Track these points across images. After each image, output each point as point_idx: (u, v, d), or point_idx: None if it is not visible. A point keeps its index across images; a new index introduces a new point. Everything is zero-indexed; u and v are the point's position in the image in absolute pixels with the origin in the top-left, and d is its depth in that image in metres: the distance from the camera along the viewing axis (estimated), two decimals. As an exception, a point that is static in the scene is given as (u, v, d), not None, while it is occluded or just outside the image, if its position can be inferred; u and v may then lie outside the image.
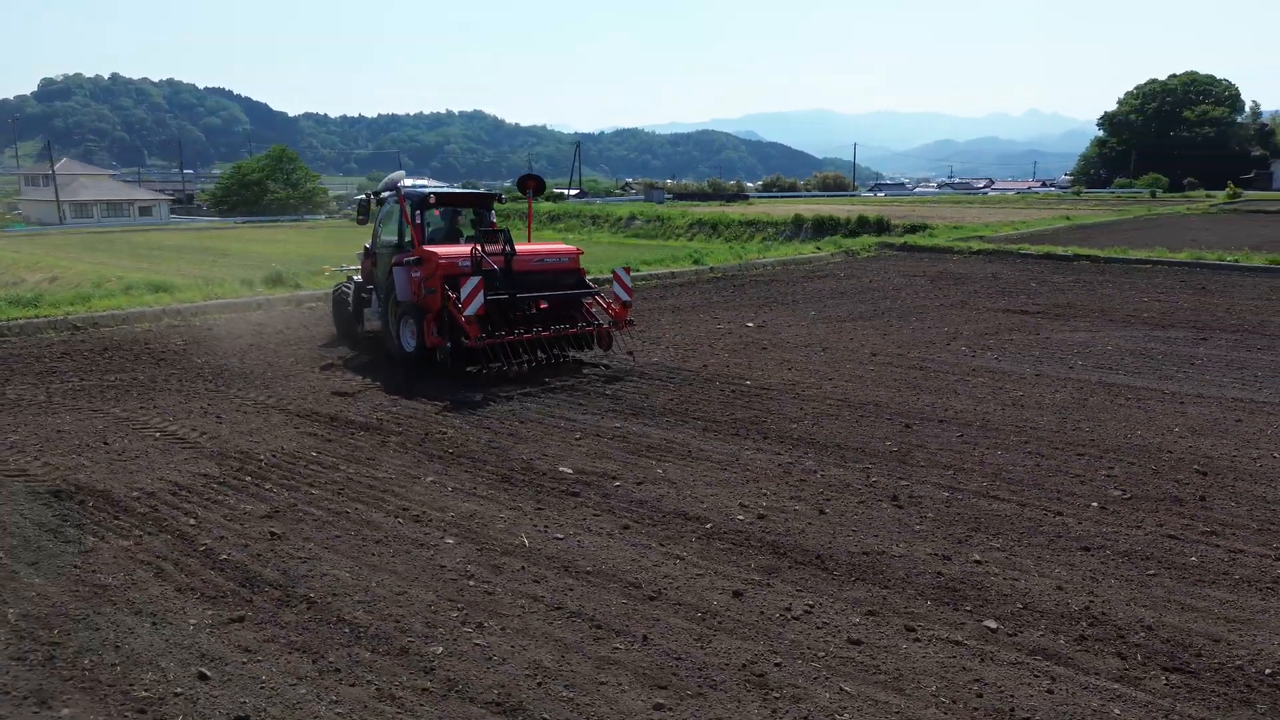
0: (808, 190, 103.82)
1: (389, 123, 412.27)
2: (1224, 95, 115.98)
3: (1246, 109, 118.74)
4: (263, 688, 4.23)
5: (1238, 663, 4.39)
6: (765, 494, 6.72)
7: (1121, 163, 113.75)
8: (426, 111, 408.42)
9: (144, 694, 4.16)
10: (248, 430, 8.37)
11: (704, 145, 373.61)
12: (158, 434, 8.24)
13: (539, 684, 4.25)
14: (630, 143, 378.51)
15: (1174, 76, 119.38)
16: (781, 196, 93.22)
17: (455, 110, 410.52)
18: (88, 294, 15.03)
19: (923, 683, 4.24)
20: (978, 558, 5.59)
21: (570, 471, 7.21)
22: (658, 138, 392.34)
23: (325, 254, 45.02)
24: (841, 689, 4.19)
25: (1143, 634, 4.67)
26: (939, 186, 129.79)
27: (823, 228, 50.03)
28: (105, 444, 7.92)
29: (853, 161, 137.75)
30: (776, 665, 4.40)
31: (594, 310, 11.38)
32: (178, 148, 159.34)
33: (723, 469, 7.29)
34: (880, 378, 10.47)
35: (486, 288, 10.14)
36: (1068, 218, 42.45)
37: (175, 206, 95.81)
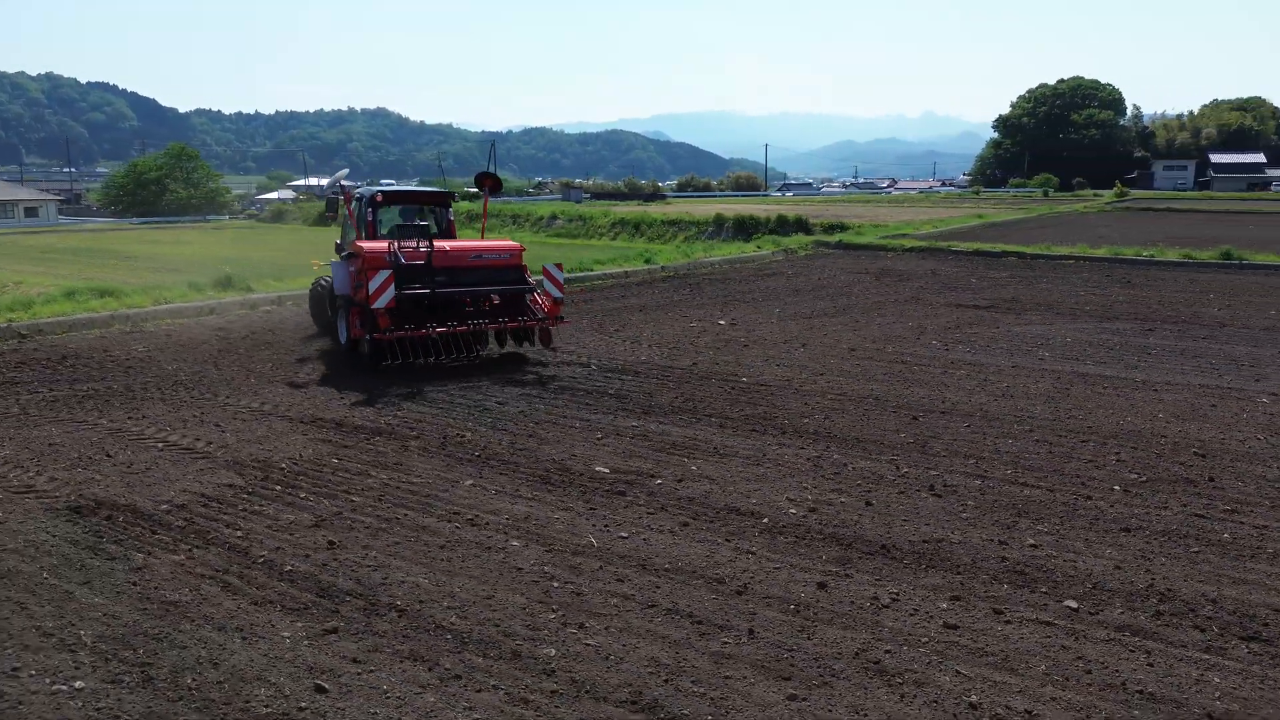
0: (721, 190, 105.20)
1: (288, 120, 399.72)
2: (1108, 99, 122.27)
3: (1129, 112, 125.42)
4: (387, 697, 4.15)
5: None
6: (806, 488, 6.87)
7: (1015, 163, 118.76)
8: (328, 109, 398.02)
9: (265, 710, 4.04)
10: (255, 438, 8.10)
11: (613, 145, 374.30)
12: (160, 444, 7.89)
13: (665, 680, 4.29)
14: (539, 142, 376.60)
15: (1063, 81, 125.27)
16: (697, 196, 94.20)
17: (358, 108, 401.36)
18: (27, 300, 14.20)
19: (1031, 662, 4.44)
20: (1032, 542, 5.85)
21: (607, 471, 7.22)
22: (566, 137, 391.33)
23: (240, 255, 43.56)
24: (958, 672, 4.36)
25: (1209, 607, 4.98)
26: (845, 186, 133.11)
27: (744, 227, 50.81)
28: (108, 456, 7.56)
29: (764, 163, 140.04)
30: (887, 653, 4.53)
31: (536, 307, 11.40)
32: (63, 145, 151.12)
33: (755, 464, 7.41)
34: (867, 372, 10.76)
35: (404, 282, 10.35)
36: (980, 216, 44.12)
37: (63, 207, 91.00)
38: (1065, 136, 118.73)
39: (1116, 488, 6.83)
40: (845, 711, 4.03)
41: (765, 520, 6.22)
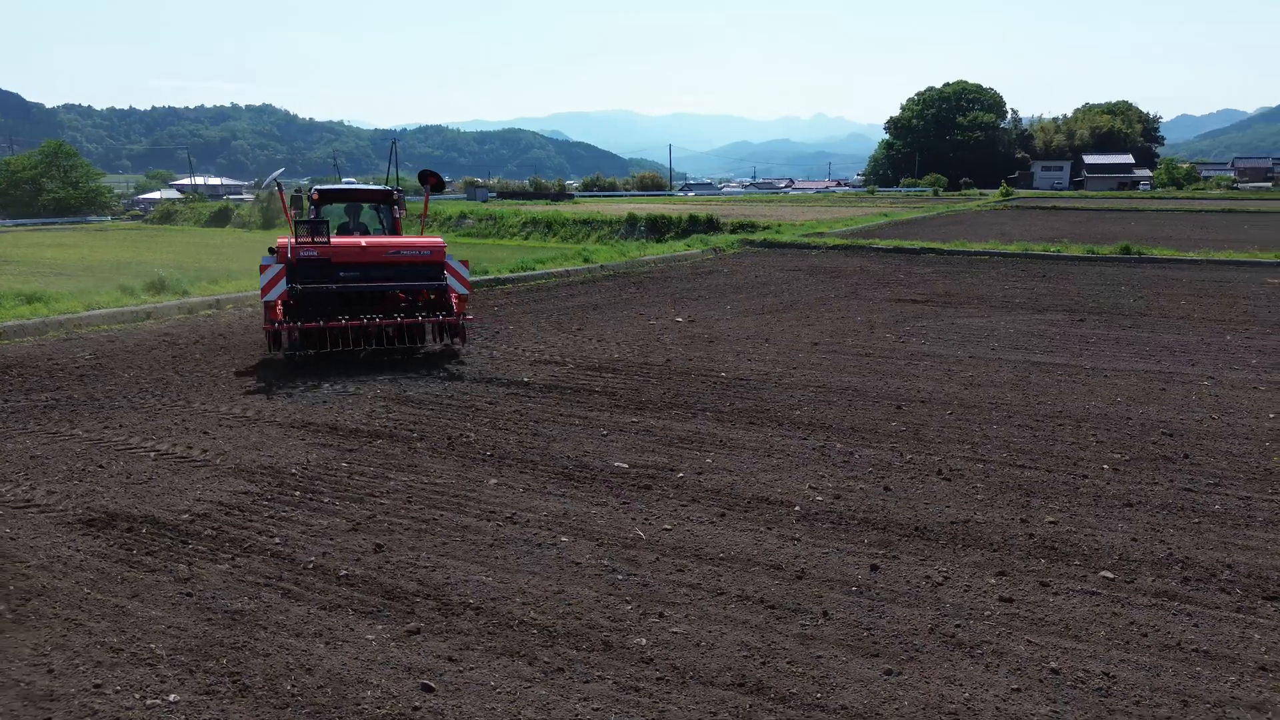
0: (627, 190, 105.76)
1: (166, 116, 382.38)
2: (990, 102, 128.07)
3: (1009, 116, 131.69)
4: (497, 693, 4.18)
5: (1312, 587, 5.22)
6: (823, 476, 7.12)
7: (906, 163, 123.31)
8: (209, 105, 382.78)
9: (379, 711, 4.01)
10: (250, 445, 7.87)
11: (511, 144, 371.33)
12: (152, 454, 7.59)
13: (761, 663, 4.44)
14: (435, 140, 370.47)
15: (948, 84, 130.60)
16: (605, 195, 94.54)
17: (242, 104, 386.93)
18: (-52, 306, 13.33)
19: (1090, 629, 4.77)
20: (1050, 519, 6.23)
21: (625, 466, 7.32)
22: (464, 135, 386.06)
23: (134, 259, 41.61)
24: (1029, 641, 4.65)
25: (1227, 571, 5.43)
26: (744, 186, 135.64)
27: (656, 226, 51.35)
28: (100, 467, 7.23)
29: (668, 163, 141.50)
30: (958, 627, 4.80)
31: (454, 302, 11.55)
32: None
33: (765, 455, 7.62)
34: (837, 365, 11.14)
35: (306, 277, 10.72)
36: (885, 215, 45.73)
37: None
38: (951, 138, 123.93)
39: (1106, 467, 7.32)
40: (941, 683, 4.27)
41: (797, 508, 6.44)
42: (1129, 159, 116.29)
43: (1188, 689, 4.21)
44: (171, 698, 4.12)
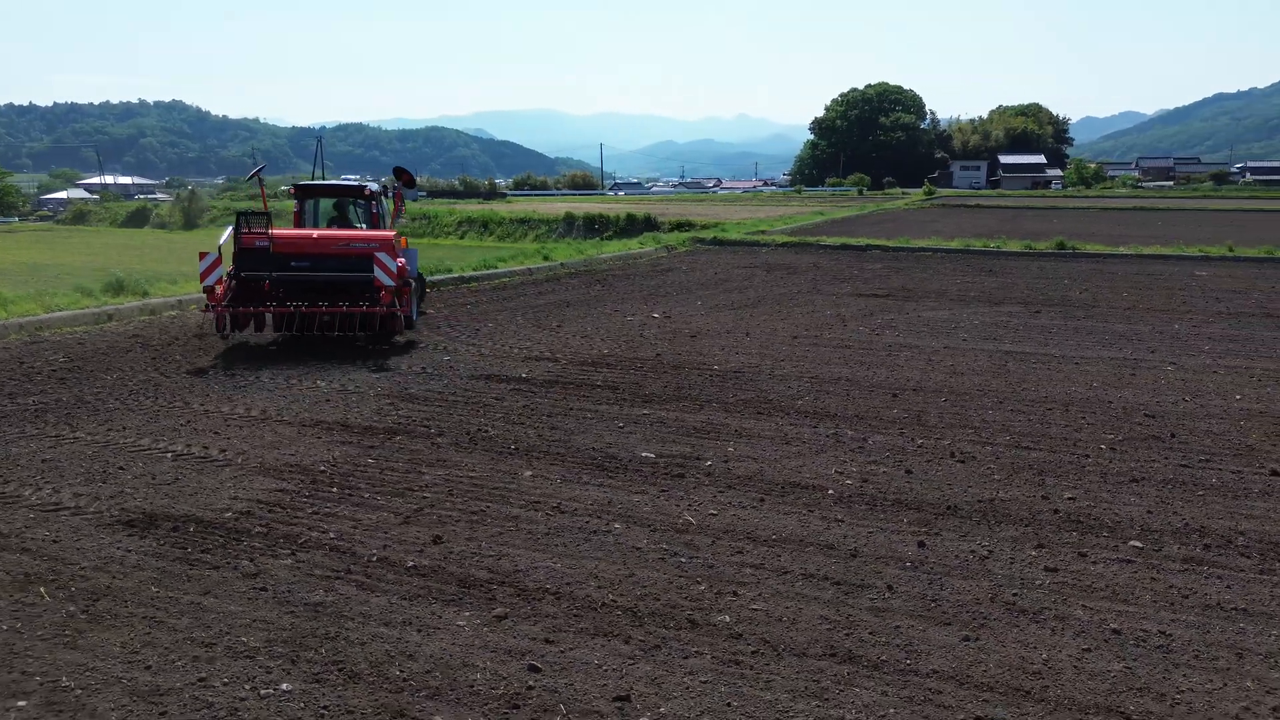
0: (559, 189, 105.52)
1: (68, 113, 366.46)
2: (911, 104, 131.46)
3: (929, 117, 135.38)
4: (603, 669, 4.31)
5: (1318, 550, 5.68)
6: (845, 461, 7.40)
7: (832, 163, 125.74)
8: (115, 100, 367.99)
9: (495, 691, 4.11)
10: (267, 444, 7.79)
11: (435, 142, 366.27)
12: (169, 455, 7.47)
13: (846, 634, 4.67)
14: (355, 138, 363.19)
15: (870, 86, 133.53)
16: (537, 194, 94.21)
17: (150, 100, 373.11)
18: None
19: (1136, 592, 5.12)
20: (1069, 495, 6.61)
21: (652, 456, 7.48)
22: (385, 134, 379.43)
23: (53, 261, 39.90)
24: (1084, 606, 4.97)
25: (1241, 538, 5.86)
26: (674, 186, 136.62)
27: (594, 225, 51.49)
28: (120, 469, 7.09)
29: (599, 162, 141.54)
30: (1015, 595, 5.10)
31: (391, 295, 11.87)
32: None
33: (783, 444, 7.87)
34: (822, 357, 11.48)
35: (251, 266, 11.71)
36: (821, 213, 46.70)
37: None
38: (874, 138, 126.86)
39: (1104, 447, 7.77)
40: (1016, 646, 4.55)
41: (830, 492, 6.69)
42: (1041, 159, 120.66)
43: (1237, 643, 4.58)
44: (284, 687, 4.14)
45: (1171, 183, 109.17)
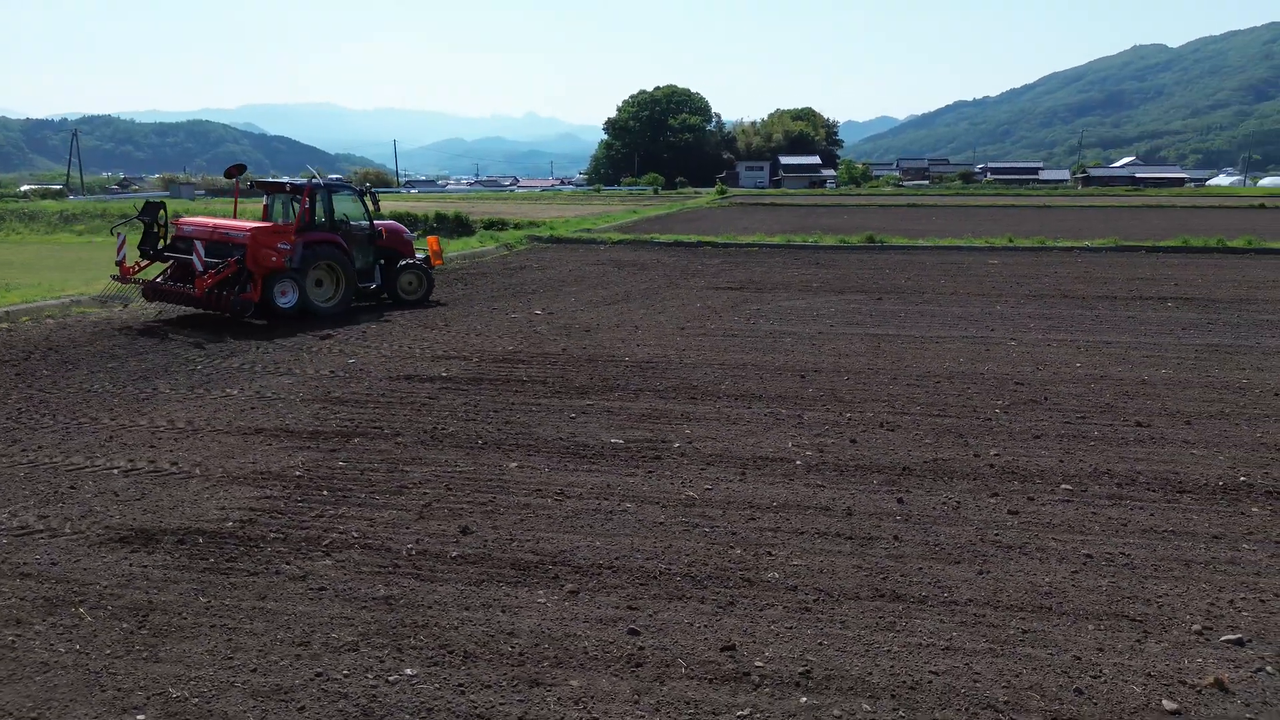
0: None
1: None
2: (698, 106, 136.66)
3: (715, 119, 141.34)
4: (694, 627, 4.72)
5: None
6: (795, 436, 8.11)
7: (626, 163, 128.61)
8: None
9: (614, 654, 4.42)
10: (220, 454, 7.50)
11: (198, 137, 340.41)
12: (115, 471, 7.07)
13: (883, 578, 5.32)
14: (104, 132, 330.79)
15: (659, 88, 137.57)
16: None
17: None
18: None
19: (1085, 524, 6.11)
20: (995, 452, 7.63)
21: (621, 442, 7.87)
22: (140, 127, 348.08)
23: None
24: (1053, 539, 5.89)
25: (1141, 478, 7.04)
26: (470, 184, 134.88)
27: (404, 225, 50.21)
28: (72, 489, 6.69)
29: (377, 160, 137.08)
30: (997, 535, 5.95)
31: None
32: None
33: (731, 424, 8.49)
34: (717, 345, 12.21)
35: (150, 248, 14.59)
36: (635, 212, 47.98)
37: None
38: (664, 139, 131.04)
39: (998, 411, 8.94)
40: (1020, 575, 5.37)
41: (798, 463, 7.37)
42: (817, 160, 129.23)
43: (1179, 556, 5.64)
44: (408, 671, 4.26)
45: (928, 181, 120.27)
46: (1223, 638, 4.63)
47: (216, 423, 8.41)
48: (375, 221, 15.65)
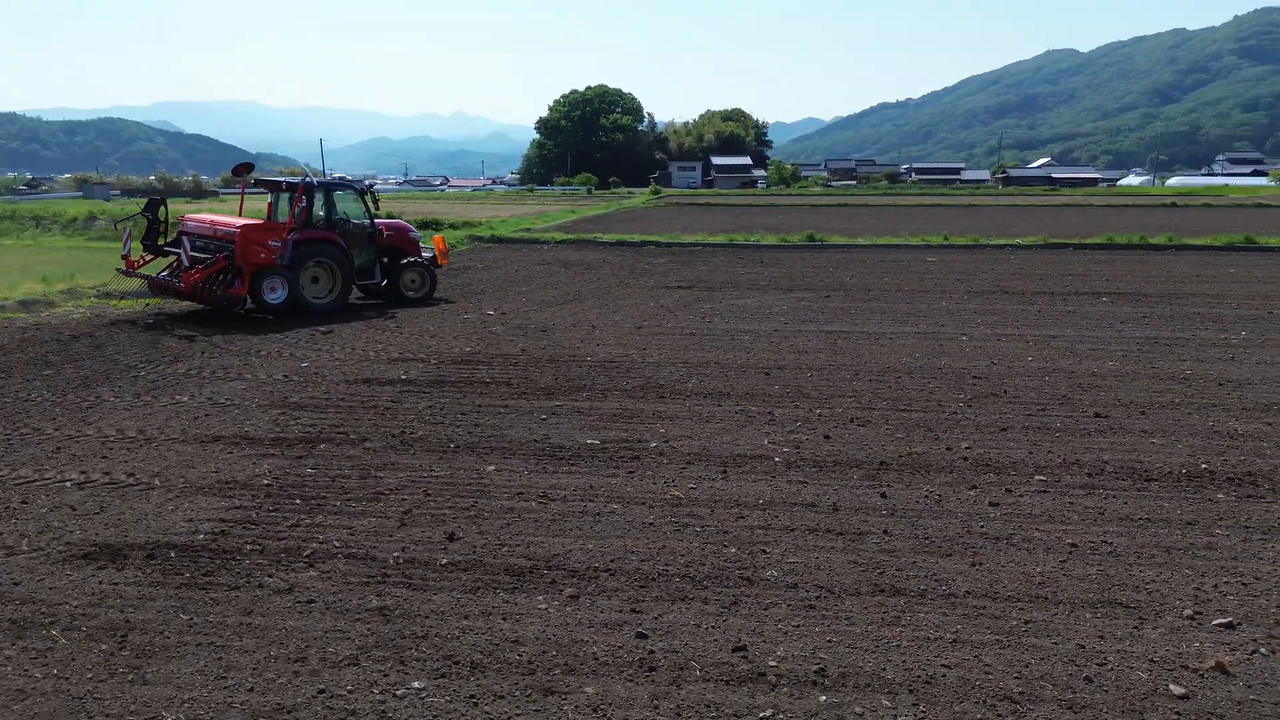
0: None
1: None
2: (630, 106, 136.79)
3: (646, 119, 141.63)
4: (701, 628, 4.66)
5: (1266, 470, 7.12)
6: (770, 433, 8.11)
7: (559, 163, 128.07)
8: None
9: (625, 658, 4.34)
10: (179, 464, 7.19)
11: (110, 135, 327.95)
12: (68, 484, 6.72)
13: (879, 573, 5.33)
14: (8, 130, 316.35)
15: (590, 88, 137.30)
16: (252, 192, 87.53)
17: None
18: None
19: (1064, 514, 6.23)
20: (965, 445, 7.74)
21: (598, 442, 7.77)
22: (47, 125, 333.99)
23: None
24: (1036, 529, 5.99)
25: (1109, 466, 7.21)
26: (399, 184, 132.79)
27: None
28: (24, 504, 6.33)
29: (307, 159, 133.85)
30: (982, 528, 6.02)
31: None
32: None
33: (704, 421, 8.45)
34: (676, 345, 12.18)
35: (153, 242, 14.84)
36: (573, 211, 47.79)
37: None
38: (597, 139, 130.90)
39: (962, 404, 9.09)
40: (1011, 566, 5.44)
41: (777, 460, 7.37)
42: (748, 160, 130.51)
43: (1157, 543, 5.78)
44: (415, 685, 4.11)
45: (855, 181, 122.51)
46: (1214, 621, 4.76)
47: (170, 431, 8.05)
48: (382, 220, 16.15)
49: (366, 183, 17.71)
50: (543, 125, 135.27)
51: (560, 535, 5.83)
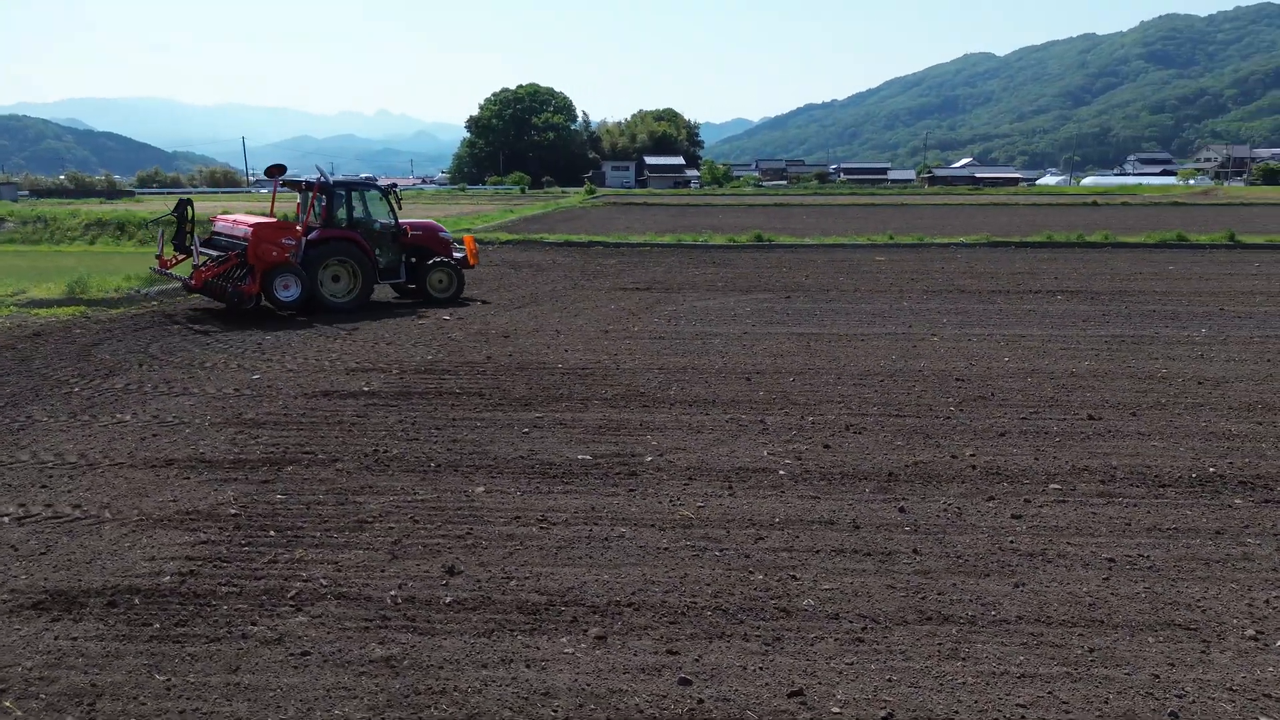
0: (195, 186, 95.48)
1: None
2: (561, 105, 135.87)
3: (579, 118, 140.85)
4: (748, 670, 4.25)
5: (1273, 472, 6.96)
6: (767, 443, 7.74)
7: (491, 162, 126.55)
8: None
9: (671, 711, 3.90)
10: (131, 493, 6.49)
11: (14, 134, 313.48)
12: (5, 519, 5.96)
13: (921, 598, 4.98)
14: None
15: (521, 87, 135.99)
16: (171, 193, 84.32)
17: None
18: None
19: (1091, 525, 5.98)
20: (970, 453, 7.48)
21: (589, 458, 7.30)
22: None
23: None
24: (1067, 543, 5.72)
25: (1120, 472, 7.01)
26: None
27: (261, 226, 47.39)
28: (-45, 543, 5.54)
29: (227, 158, 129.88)
30: (1012, 543, 5.73)
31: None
32: None
33: (696, 432, 8.04)
34: (649, 349, 11.75)
35: (175, 241, 15.45)
36: (511, 211, 46.98)
37: None
38: (529, 138, 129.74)
39: (953, 409, 8.85)
40: (1056, 586, 5.15)
41: (781, 472, 7.00)
42: (681, 160, 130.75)
43: (1194, 555, 5.56)
44: (444, 755, 3.60)
45: (785, 181, 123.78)
46: (1278, 643, 4.53)
47: (115, 454, 7.32)
48: (411, 220, 16.50)
49: (390, 183, 18.41)
50: (474, 124, 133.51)
51: (570, 564, 5.35)
